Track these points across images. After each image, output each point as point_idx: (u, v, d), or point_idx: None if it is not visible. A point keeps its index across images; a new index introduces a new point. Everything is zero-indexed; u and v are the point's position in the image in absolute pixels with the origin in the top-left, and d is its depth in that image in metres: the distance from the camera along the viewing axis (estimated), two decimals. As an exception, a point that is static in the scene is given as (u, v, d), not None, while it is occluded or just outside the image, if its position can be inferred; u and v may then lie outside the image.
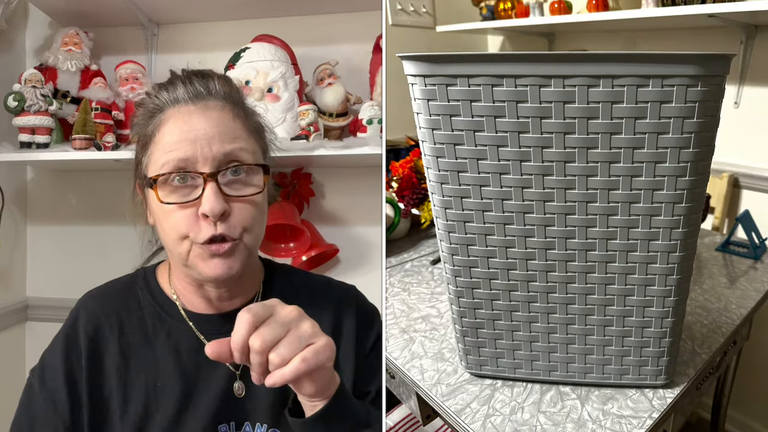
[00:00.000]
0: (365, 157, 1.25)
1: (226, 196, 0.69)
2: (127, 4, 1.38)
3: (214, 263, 0.69)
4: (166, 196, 0.69)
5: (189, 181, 0.68)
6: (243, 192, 0.70)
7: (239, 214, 0.70)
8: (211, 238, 0.68)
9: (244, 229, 0.70)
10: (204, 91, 0.72)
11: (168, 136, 0.70)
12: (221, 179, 0.69)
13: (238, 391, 0.74)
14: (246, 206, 0.71)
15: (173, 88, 0.72)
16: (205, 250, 0.68)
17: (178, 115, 0.71)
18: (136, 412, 0.71)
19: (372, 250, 1.44)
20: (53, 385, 0.72)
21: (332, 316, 0.80)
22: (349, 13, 1.42)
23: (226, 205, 0.68)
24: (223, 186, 0.69)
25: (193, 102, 0.71)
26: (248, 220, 0.71)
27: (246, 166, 0.71)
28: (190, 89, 0.72)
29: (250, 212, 0.71)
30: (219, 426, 0.73)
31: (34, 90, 1.27)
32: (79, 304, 0.78)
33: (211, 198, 0.67)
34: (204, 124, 0.69)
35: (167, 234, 0.70)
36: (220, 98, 0.73)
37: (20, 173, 1.55)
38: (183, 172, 0.68)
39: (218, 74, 0.76)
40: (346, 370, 0.78)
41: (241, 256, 0.71)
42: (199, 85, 0.72)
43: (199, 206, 0.68)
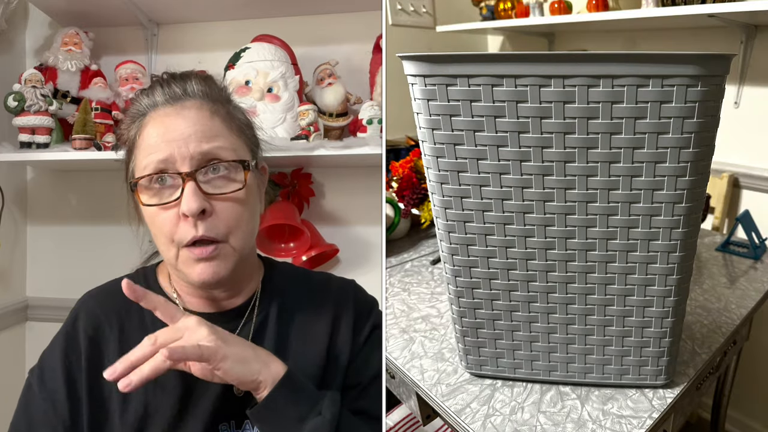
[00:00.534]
0: (365, 157, 1.25)
1: (206, 195, 0.68)
2: (127, 4, 1.38)
3: (200, 268, 0.69)
4: (148, 198, 0.69)
5: (169, 182, 0.69)
6: (224, 189, 0.70)
7: (222, 214, 0.69)
8: (192, 240, 0.68)
9: (228, 229, 0.70)
10: (181, 92, 0.72)
11: (147, 139, 0.70)
12: (201, 178, 0.68)
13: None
14: (229, 205, 0.70)
15: (152, 92, 0.73)
16: (190, 255, 0.68)
17: (156, 118, 0.71)
18: (135, 412, 0.71)
19: (372, 250, 1.44)
20: (53, 386, 0.72)
21: (331, 313, 0.81)
22: (349, 13, 1.42)
23: (206, 203, 0.68)
24: (203, 184, 0.68)
25: (170, 104, 0.72)
26: (232, 220, 0.70)
27: (225, 162, 0.70)
28: (168, 92, 0.72)
29: (234, 211, 0.71)
30: (219, 425, 0.73)
31: (34, 90, 1.27)
32: (79, 303, 0.78)
33: (189, 196, 0.67)
34: (180, 125, 0.69)
35: (157, 238, 0.71)
36: (198, 97, 0.73)
37: (20, 173, 1.55)
38: (162, 173, 0.68)
39: (198, 74, 0.76)
40: (342, 362, 0.79)
41: (229, 259, 0.71)
42: (177, 86, 0.73)
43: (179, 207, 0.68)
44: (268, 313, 0.79)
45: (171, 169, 0.68)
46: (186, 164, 0.68)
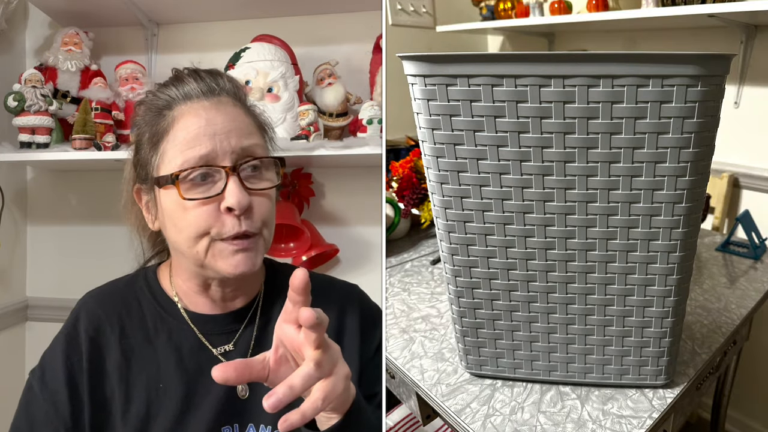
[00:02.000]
0: (365, 157, 1.25)
1: (249, 190, 0.69)
2: (127, 4, 1.38)
3: (237, 259, 0.69)
4: (185, 192, 0.68)
5: (210, 176, 0.68)
6: (260, 186, 0.71)
7: (258, 209, 0.70)
8: (236, 234, 0.68)
9: (263, 223, 0.71)
10: (216, 86, 0.72)
11: (183, 132, 0.68)
12: (242, 173, 0.69)
13: (241, 393, 0.74)
14: (264, 200, 0.71)
15: (181, 84, 0.72)
16: (228, 246, 0.69)
17: (192, 110, 0.70)
18: (137, 413, 0.71)
19: (372, 250, 1.44)
20: (54, 387, 0.72)
21: (335, 317, 0.80)
22: (349, 13, 1.42)
23: (249, 198, 0.69)
24: (244, 180, 0.69)
25: (207, 97, 0.71)
26: (267, 214, 0.72)
27: (263, 160, 0.72)
28: (202, 85, 0.72)
29: (268, 206, 0.72)
30: (222, 427, 0.73)
31: (34, 90, 1.27)
32: (79, 304, 0.78)
33: (236, 191, 0.67)
34: (221, 119, 0.69)
35: (183, 233, 0.69)
36: (231, 95, 0.74)
37: (20, 173, 1.55)
38: (206, 167, 0.68)
39: (224, 72, 0.77)
40: (351, 372, 0.78)
41: (260, 252, 0.72)
42: (210, 81, 0.73)
43: (221, 201, 0.68)
44: (271, 316, 0.79)
45: (212, 163, 0.68)
46: (227, 159, 0.68)
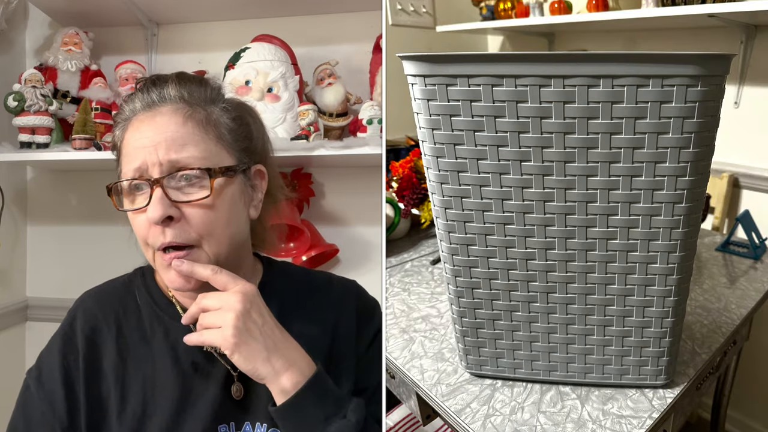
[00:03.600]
0: (365, 157, 1.25)
1: (174, 202, 0.68)
2: (127, 4, 1.38)
3: (171, 276, 0.69)
4: (127, 203, 0.70)
5: (142, 188, 0.69)
6: (194, 197, 0.69)
7: (193, 220, 0.69)
8: (162, 246, 0.68)
9: (199, 235, 0.69)
10: (157, 98, 0.72)
11: (125, 147, 0.71)
12: (172, 184, 0.68)
13: (236, 393, 0.74)
14: (200, 211, 0.69)
15: (132, 99, 0.73)
16: (162, 260, 0.69)
17: (134, 124, 0.71)
18: (134, 413, 0.71)
19: (372, 250, 1.44)
20: (50, 386, 0.72)
21: (333, 314, 0.80)
22: (349, 13, 1.42)
23: (174, 210, 0.67)
24: (173, 191, 0.68)
25: (145, 111, 0.71)
26: (203, 226, 0.69)
27: (192, 171, 0.69)
28: (145, 98, 0.72)
29: (206, 217, 0.69)
30: (219, 426, 0.73)
31: (34, 90, 1.27)
32: (76, 303, 0.78)
33: (153, 204, 0.67)
34: (150, 132, 0.69)
35: (139, 241, 0.72)
36: (173, 102, 0.72)
37: (20, 173, 1.55)
38: (133, 180, 0.69)
39: (178, 77, 0.74)
40: (347, 366, 0.78)
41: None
42: (154, 92, 0.72)
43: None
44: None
45: (144, 175, 0.68)
46: (156, 171, 0.68)
